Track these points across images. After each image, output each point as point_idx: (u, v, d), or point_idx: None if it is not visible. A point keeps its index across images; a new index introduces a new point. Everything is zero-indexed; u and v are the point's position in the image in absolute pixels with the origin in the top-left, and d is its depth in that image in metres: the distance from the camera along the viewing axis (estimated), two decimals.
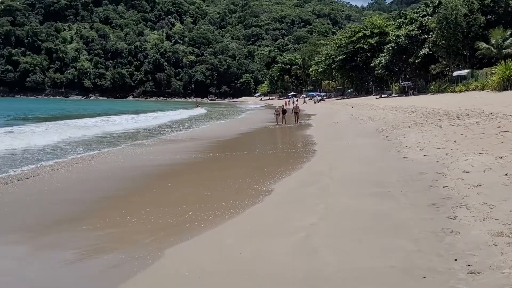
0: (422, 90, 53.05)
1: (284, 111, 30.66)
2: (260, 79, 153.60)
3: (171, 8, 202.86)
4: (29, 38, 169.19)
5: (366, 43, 67.96)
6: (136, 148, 18.41)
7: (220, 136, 24.32)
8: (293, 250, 5.59)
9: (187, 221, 7.29)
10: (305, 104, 69.03)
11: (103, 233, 6.98)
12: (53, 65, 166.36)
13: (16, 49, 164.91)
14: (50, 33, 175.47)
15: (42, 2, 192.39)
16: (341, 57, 72.37)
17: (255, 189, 9.55)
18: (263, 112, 58.83)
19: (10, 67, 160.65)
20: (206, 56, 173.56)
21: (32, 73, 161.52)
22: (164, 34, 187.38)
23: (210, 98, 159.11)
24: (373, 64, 63.67)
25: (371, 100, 52.88)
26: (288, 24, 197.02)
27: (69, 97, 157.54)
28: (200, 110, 61.84)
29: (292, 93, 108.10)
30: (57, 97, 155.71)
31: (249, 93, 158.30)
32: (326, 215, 7.06)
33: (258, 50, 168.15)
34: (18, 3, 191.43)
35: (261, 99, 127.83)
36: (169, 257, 5.68)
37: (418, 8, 64.58)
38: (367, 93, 74.92)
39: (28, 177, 11.54)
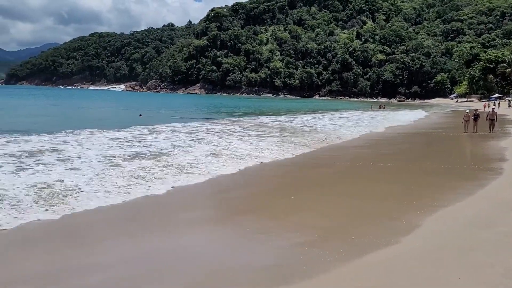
0: None
1: (476, 117, 25.69)
2: (457, 79, 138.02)
3: (363, 7, 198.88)
4: (231, 41, 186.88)
5: None
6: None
7: (382, 139, 21.45)
8: None
9: (290, 264, 5.52)
10: (511, 109, 58.74)
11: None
12: (249, 65, 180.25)
13: (220, 51, 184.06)
14: (249, 36, 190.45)
15: (244, 8, 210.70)
16: None
17: (395, 219, 7.16)
18: (451, 115, 51.86)
19: (214, 67, 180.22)
20: (397, 54, 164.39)
21: (231, 73, 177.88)
22: (354, 33, 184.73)
23: (398, 99, 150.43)
24: None
25: None
26: (497, 17, 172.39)
27: (261, 95, 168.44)
28: (418, 113, 54.84)
29: (496, 95, 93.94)
30: (251, 95, 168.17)
31: (444, 94, 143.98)
32: None
33: (457, 46, 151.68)
34: (225, 10, 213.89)
35: (456, 101, 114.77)
36: None
37: None
38: None
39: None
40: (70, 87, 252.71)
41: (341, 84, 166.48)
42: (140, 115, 37.70)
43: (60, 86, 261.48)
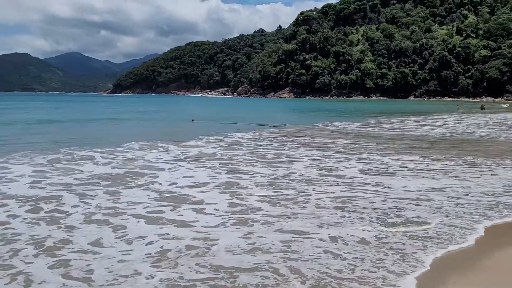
0: None
1: None
2: None
3: (464, 0, 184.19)
4: (320, 44, 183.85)
5: None
6: None
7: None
8: None
9: None
10: None
11: None
12: (339, 68, 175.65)
13: (309, 54, 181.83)
14: (339, 37, 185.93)
15: (334, 9, 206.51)
16: None
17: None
18: None
19: (303, 71, 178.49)
20: (504, 49, 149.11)
21: (321, 76, 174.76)
22: (454, 28, 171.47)
23: (506, 98, 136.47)
24: None
25: None
26: None
27: (351, 97, 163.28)
28: None
29: None
30: (341, 98, 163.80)
31: None
32: None
33: None
34: (314, 13, 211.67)
35: None
36: None
37: None
38: None
39: None
40: (168, 95, 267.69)
41: (439, 84, 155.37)
42: (193, 120, 36.71)
43: (159, 94, 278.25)
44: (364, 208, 9.15)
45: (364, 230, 7.62)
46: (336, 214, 8.65)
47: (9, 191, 10.20)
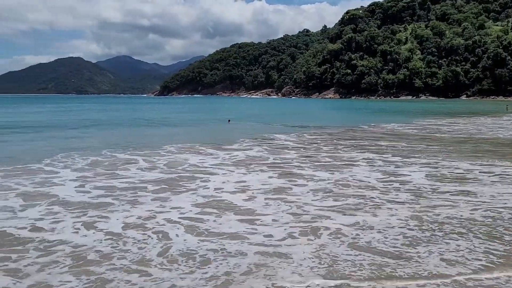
0: None
1: None
2: None
3: None
4: (367, 43, 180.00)
5: None
6: None
7: None
8: None
9: None
10: None
11: None
12: (386, 67, 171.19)
13: (355, 54, 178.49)
14: (386, 36, 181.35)
15: (381, 7, 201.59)
16: None
17: None
18: None
19: (349, 71, 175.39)
20: None
21: (367, 75, 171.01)
22: (510, 24, 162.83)
23: None
24: None
25: None
26: None
27: (399, 97, 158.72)
28: None
29: None
30: (388, 98, 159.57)
31: None
32: None
33: None
34: (360, 11, 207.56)
35: None
36: None
37: None
38: None
39: None
40: (213, 96, 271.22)
41: (493, 82, 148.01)
42: (229, 121, 37.46)
43: (204, 95, 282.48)
44: (450, 218, 8.02)
45: (478, 250, 6.41)
46: (419, 226, 7.52)
47: (55, 196, 10.21)
